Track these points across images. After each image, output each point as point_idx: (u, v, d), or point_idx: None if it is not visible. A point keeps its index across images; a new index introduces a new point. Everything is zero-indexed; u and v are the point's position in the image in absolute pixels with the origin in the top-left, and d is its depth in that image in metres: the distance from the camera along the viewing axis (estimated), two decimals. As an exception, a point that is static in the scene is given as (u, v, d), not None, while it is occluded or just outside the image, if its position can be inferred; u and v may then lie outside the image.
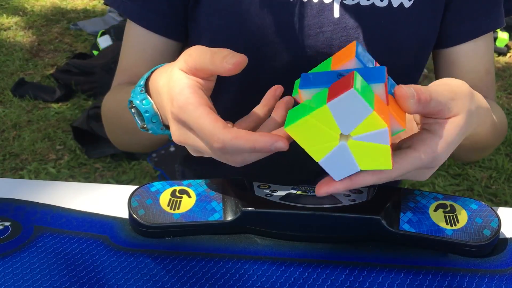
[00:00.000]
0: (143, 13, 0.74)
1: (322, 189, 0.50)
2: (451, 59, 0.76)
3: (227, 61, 0.48)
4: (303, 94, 0.49)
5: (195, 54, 0.50)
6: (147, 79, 0.58)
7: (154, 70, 0.58)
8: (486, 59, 0.77)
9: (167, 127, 0.58)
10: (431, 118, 0.51)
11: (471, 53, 0.76)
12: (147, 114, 0.56)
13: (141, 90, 0.57)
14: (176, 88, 0.49)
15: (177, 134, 0.51)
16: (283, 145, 0.46)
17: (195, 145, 0.50)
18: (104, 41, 2.84)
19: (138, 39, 0.76)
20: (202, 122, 0.47)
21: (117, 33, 2.82)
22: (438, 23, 0.74)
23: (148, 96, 0.57)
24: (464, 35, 0.75)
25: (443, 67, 0.78)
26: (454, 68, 0.76)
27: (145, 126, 0.58)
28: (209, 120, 0.47)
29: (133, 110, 0.58)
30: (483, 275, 0.56)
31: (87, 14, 3.49)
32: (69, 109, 2.42)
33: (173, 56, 0.79)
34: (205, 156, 0.52)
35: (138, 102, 0.57)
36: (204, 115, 0.47)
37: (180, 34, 0.77)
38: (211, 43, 0.74)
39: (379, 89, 0.47)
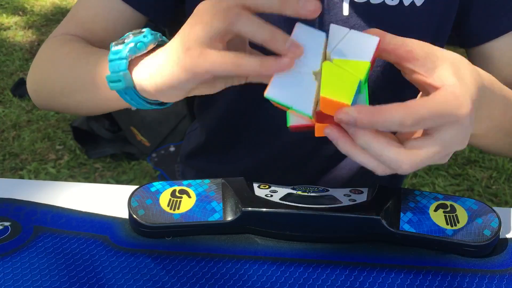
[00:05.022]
0: None
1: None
2: (486, 55, 0.76)
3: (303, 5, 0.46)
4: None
5: None
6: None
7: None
8: None
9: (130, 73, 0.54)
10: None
11: (505, 46, 0.75)
12: (144, 38, 0.54)
13: (160, 36, 0.55)
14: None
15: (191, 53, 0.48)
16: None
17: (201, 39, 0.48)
18: (104, 41, 2.84)
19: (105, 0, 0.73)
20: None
21: (117, 33, 2.81)
22: (451, 22, 0.74)
23: (156, 41, 0.55)
24: (495, 31, 0.74)
25: (478, 63, 0.77)
26: (489, 63, 0.76)
27: (124, 41, 0.54)
28: None
29: (132, 34, 0.55)
30: (484, 275, 0.56)
31: (87, 14, 3.49)
32: (69, 109, 2.42)
33: (136, 27, 0.75)
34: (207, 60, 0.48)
35: (148, 31, 0.55)
36: None
37: (155, 12, 0.75)
38: None
39: None
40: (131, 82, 0.54)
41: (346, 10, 0.69)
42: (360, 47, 0.47)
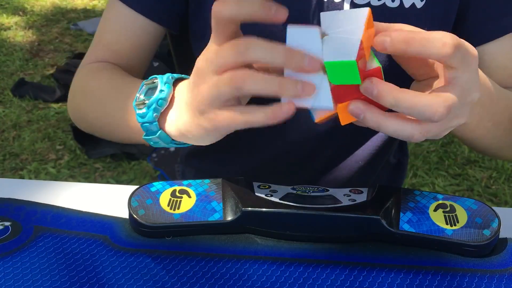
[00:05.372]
0: None
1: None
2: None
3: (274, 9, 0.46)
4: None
5: None
6: (178, 79, 0.57)
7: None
8: None
9: (162, 129, 0.57)
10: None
11: (497, 50, 0.75)
12: (161, 94, 0.55)
13: (172, 77, 0.56)
14: None
15: (195, 87, 0.49)
16: (283, 13, 0.44)
17: (210, 49, 0.48)
18: (104, 41, 2.84)
19: (124, 17, 0.75)
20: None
21: (117, 33, 2.81)
22: (450, 24, 0.74)
23: (172, 86, 0.56)
24: (489, 35, 0.74)
25: None
26: (481, 66, 0.76)
27: (145, 102, 0.56)
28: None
29: (146, 85, 0.57)
30: (483, 275, 0.56)
31: (87, 14, 3.49)
32: (69, 109, 2.42)
33: (159, 40, 0.78)
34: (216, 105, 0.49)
35: (161, 81, 0.55)
36: None
37: (170, 21, 0.76)
38: None
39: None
40: (166, 137, 0.57)
41: None
42: (351, 21, 0.46)
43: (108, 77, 0.74)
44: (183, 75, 0.57)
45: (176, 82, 0.57)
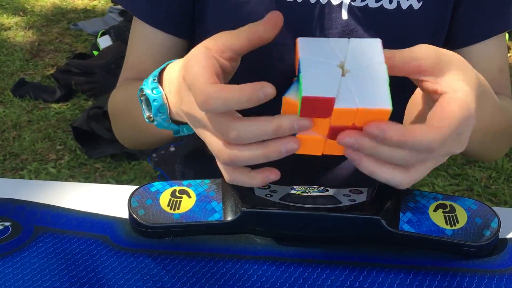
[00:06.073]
0: (152, 11, 0.74)
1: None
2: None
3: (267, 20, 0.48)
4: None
5: (222, 36, 0.49)
6: (162, 70, 0.57)
7: (170, 63, 0.57)
8: (499, 57, 0.77)
9: (174, 121, 0.57)
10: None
11: (483, 52, 0.75)
12: (155, 103, 0.55)
13: (154, 79, 0.56)
14: (189, 55, 0.49)
15: (185, 100, 0.49)
16: (271, 90, 0.42)
17: (192, 112, 0.48)
18: (104, 42, 2.84)
19: (145, 36, 0.76)
20: (196, 78, 0.46)
21: (117, 33, 2.82)
22: (446, 24, 0.74)
23: (159, 86, 0.56)
24: (476, 36, 0.75)
25: None
26: None
27: (151, 116, 0.57)
28: (203, 78, 0.45)
29: (142, 99, 0.58)
30: (483, 275, 0.56)
31: (87, 14, 3.49)
32: (69, 109, 2.42)
33: (181, 54, 0.78)
34: (205, 130, 0.50)
35: (148, 90, 0.56)
36: (201, 73, 0.45)
37: (188, 32, 0.77)
38: None
39: None
40: (189, 128, 0.57)
41: (345, 14, 0.69)
42: (368, 52, 0.45)
43: (123, 90, 0.75)
44: (162, 66, 0.57)
45: (161, 73, 0.57)
